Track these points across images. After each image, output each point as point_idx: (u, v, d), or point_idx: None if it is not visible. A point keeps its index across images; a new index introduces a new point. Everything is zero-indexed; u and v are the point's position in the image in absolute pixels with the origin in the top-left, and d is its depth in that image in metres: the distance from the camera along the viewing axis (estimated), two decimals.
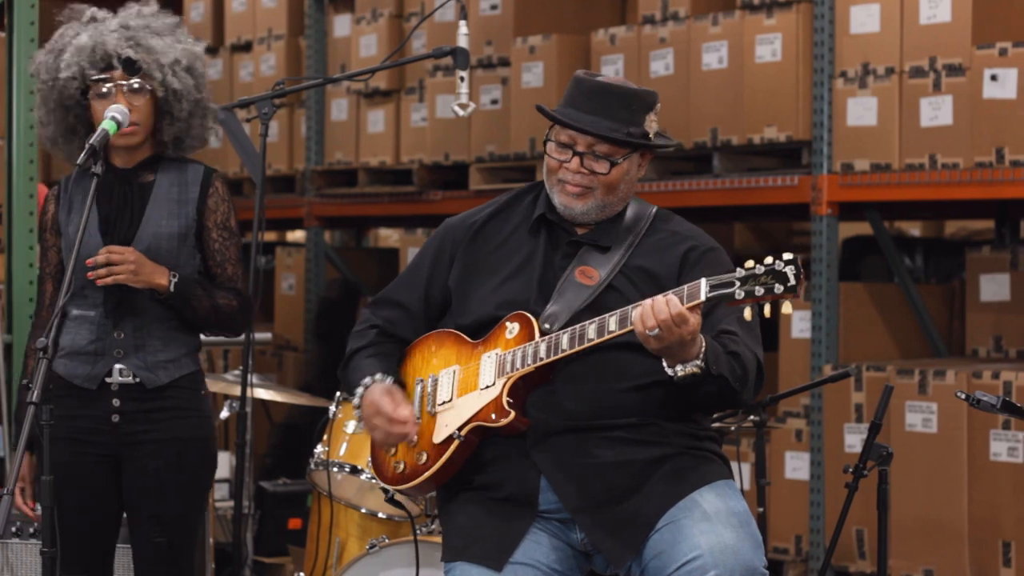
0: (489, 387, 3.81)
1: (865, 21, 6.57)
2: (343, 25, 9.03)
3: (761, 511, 5.12)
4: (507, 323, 3.85)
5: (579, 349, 3.72)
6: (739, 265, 3.61)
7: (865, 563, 6.53)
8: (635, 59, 7.24)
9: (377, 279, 9.32)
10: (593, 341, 3.71)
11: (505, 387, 3.78)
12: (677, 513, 3.72)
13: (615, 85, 3.89)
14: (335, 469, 5.15)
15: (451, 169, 8.22)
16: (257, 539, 7.04)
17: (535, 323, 3.81)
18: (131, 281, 4.28)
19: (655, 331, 3.56)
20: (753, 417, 5.01)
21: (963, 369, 6.34)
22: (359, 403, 3.91)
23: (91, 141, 4.11)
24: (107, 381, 4.36)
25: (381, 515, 5.16)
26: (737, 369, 3.71)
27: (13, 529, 4.85)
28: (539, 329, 3.80)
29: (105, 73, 4.34)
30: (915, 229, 10.30)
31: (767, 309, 3.54)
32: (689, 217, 4.08)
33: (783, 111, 6.76)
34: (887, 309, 7.04)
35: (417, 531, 4.75)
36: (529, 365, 3.77)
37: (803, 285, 3.53)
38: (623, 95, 3.87)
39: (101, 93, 4.34)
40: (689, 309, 3.56)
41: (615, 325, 3.68)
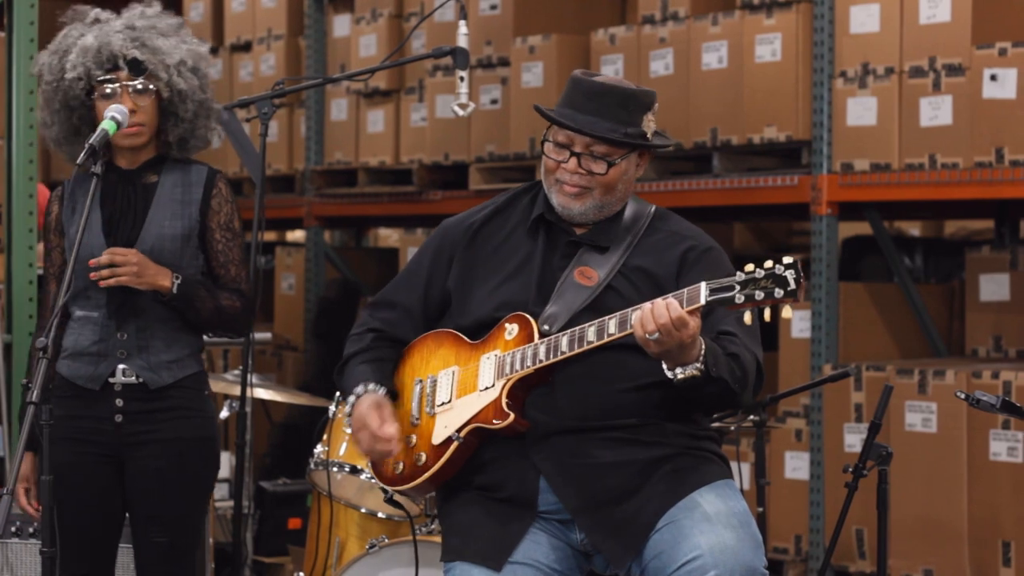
0: (488, 389, 3.80)
1: (865, 21, 6.57)
2: (343, 25, 9.02)
3: (761, 511, 5.11)
4: (506, 324, 3.84)
5: (578, 351, 3.72)
6: (739, 267, 3.60)
7: (865, 563, 6.53)
8: (635, 59, 7.24)
9: (377, 279, 9.31)
10: (592, 344, 3.70)
11: (504, 389, 3.78)
12: (677, 513, 3.71)
13: (612, 85, 3.87)
14: (335, 469, 5.15)
15: (451, 169, 8.22)
16: (257, 539, 7.04)
17: (534, 324, 3.80)
18: (134, 283, 4.28)
19: (655, 335, 3.55)
20: (753, 417, 5.01)
21: (963, 369, 6.34)
22: (350, 411, 3.92)
23: (91, 141, 4.10)
24: (110, 381, 4.36)
25: (381, 515, 5.16)
26: (737, 371, 3.71)
27: (13, 529, 4.85)
28: (538, 330, 3.79)
29: (111, 74, 4.34)
30: (915, 229, 10.29)
31: (767, 313, 3.54)
32: (689, 217, 4.07)
33: (783, 111, 6.76)
34: (887, 309, 7.04)
35: (417, 531, 4.75)
36: (528, 367, 3.76)
37: (803, 289, 3.52)
38: (621, 95, 3.85)
39: (106, 94, 4.34)
40: (689, 313, 3.55)
41: (615, 328, 3.67)
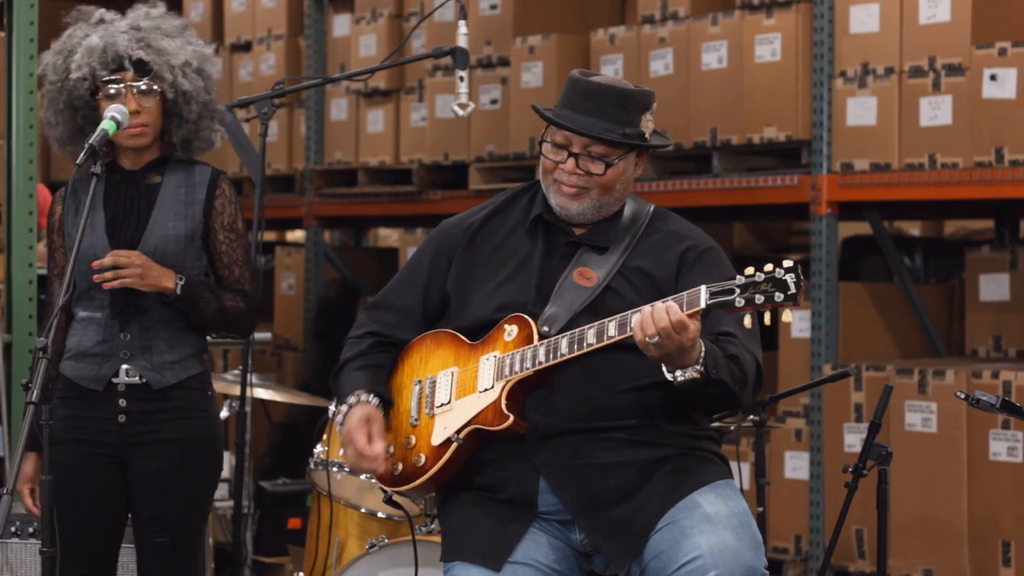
0: (487, 390, 3.80)
1: (865, 21, 6.57)
2: (343, 25, 9.02)
3: (761, 511, 5.11)
4: (505, 325, 3.83)
5: (578, 354, 3.71)
6: (739, 268, 3.60)
7: (865, 563, 6.53)
8: (634, 59, 7.24)
9: (376, 279, 9.31)
10: (592, 346, 3.70)
11: (504, 391, 3.77)
12: (677, 513, 3.71)
13: (610, 85, 3.85)
14: (334, 469, 5.14)
15: (451, 169, 8.21)
16: (257, 539, 7.04)
17: (534, 326, 3.79)
18: (138, 285, 4.28)
19: (655, 339, 3.55)
20: (753, 417, 5.00)
21: (963, 369, 6.34)
22: (342, 421, 3.91)
23: (90, 141, 4.09)
24: (114, 382, 4.35)
25: (381, 515, 5.16)
26: (737, 372, 3.70)
27: (13, 529, 4.85)
28: (538, 332, 3.78)
29: (115, 74, 4.34)
30: (915, 229, 10.29)
31: (767, 317, 3.54)
32: (689, 217, 4.06)
33: (783, 111, 6.76)
34: (887, 309, 7.04)
35: (417, 531, 4.75)
36: (528, 369, 3.76)
37: (803, 293, 3.52)
38: (618, 95, 3.84)
39: (111, 94, 4.33)
40: (688, 316, 3.55)
41: (614, 330, 3.67)
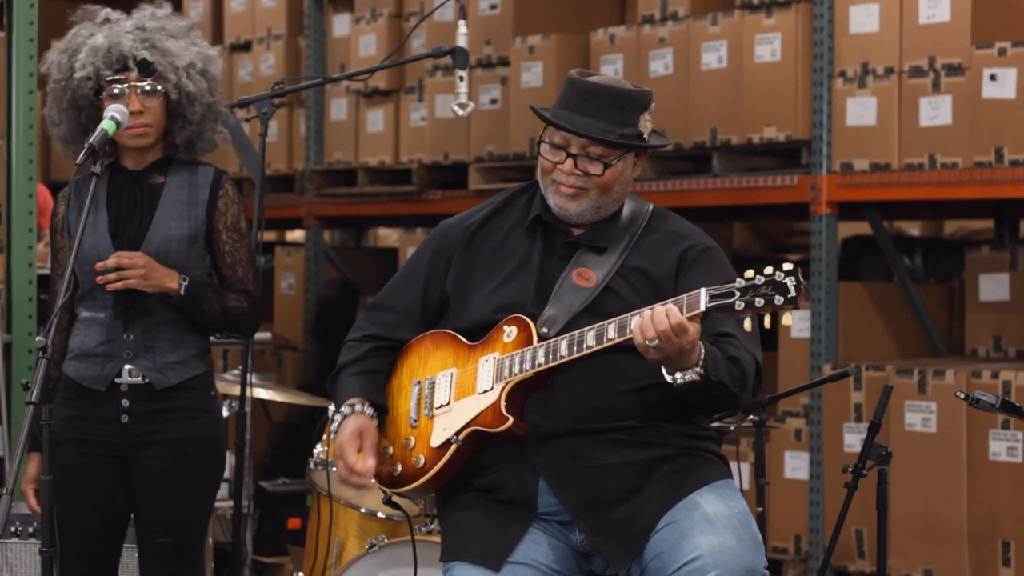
0: (487, 392, 3.79)
1: (864, 21, 6.57)
2: (342, 25, 9.02)
3: (760, 511, 5.11)
4: (505, 327, 3.83)
5: (577, 356, 3.71)
6: (739, 269, 3.59)
7: (864, 563, 6.53)
8: (634, 59, 7.24)
9: (376, 279, 9.31)
10: (592, 348, 3.69)
11: (503, 392, 3.77)
12: (677, 514, 3.71)
13: (608, 85, 3.84)
14: (334, 469, 5.14)
15: (450, 169, 8.21)
16: (256, 539, 7.04)
17: (533, 327, 3.79)
18: (141, 286, 4.28)
19: (655, 342, 3.55)
20: (752, 417, 5.01)
21: (962, 369, 6.34)
22: (335, 431, 3.91)
23: (90, 141, 4.10)
24: (116, 382, 4.35)
25: (380, 515, 5.15)
26: (736, 374, 3.70)
27: (13, 529, 4.85)
28: (537, 333, 3.78)
29: (120, 74, 4.34)
30: (914, 229, 10.29)
31: (767, 320, 3.54)
32: (688, 217, 4.06)
33: (782, 111, 6.76)
34: (886, 309, 7.04)
35: (417, 531, 4.75)
36: (527, 371, 3.75)
37: (803, 295, 3.52)
38: (617, 95, 3.82)
39: (114, 94, 4.33)
40: (688, 319, 3.54)
41: (614, 333, 3.66)
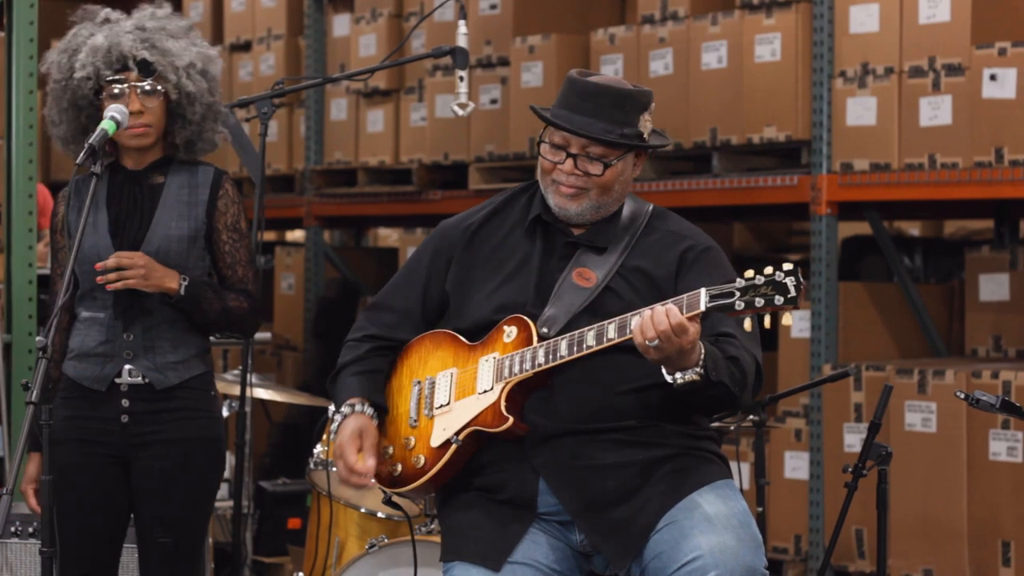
0: (487, 392, 3.79)
1: (864, 21, 6.57)
2: (342, 25, 9.02)
3: (760, 511, 5.11)
4: (505, 327, 3.83)
5: (577, 356, 3.71)
6: (739, 269, 3.59)
7: (864, 563, 6.53)
8: (634, 59, 7.24)
9: (376, 279, 9.31)
10: (592, 348, 3.69)
11: (503, 392, 3.77)
12: (677, 514, 3.71)
13: (608, 86, 3.83)
14: (334, 469, 5.14)
15: (450, 169, 8.21)
16: (256, 539, 7.04)
17: (533, 327, 3.79)
18: (141, 286, 4.28)
19: (655, 342, 3.55)
20: (752, 417, 5.01)
21: (962, 369, 6.34)
22: (335, 431, 3.91)
23: (90, 141, 4.10)
24: (116, 382, 4.35)
25: (380, 515, 5.15)
26: (736, 374, 3.70)
27: (13, 529, 4.85)
28: (537, 333, 3.78)
29: (120, 74, 4.34)
30: (914, 229, 10.29)
31: (767, 320, 3.54)
32: (688, 217, 4.06)
33: (782, 111, 6.76)
34: (886, 309, 7.04)
35: (417, 531, 4.75)
36: (527, 371, 3.75)
37: (803, 295, 3.52)
38: (616, 95, 3.82)
39: (114, 94, 4.33)
40: (688, 319, 3.54)
41: (614, 333, 3.66)
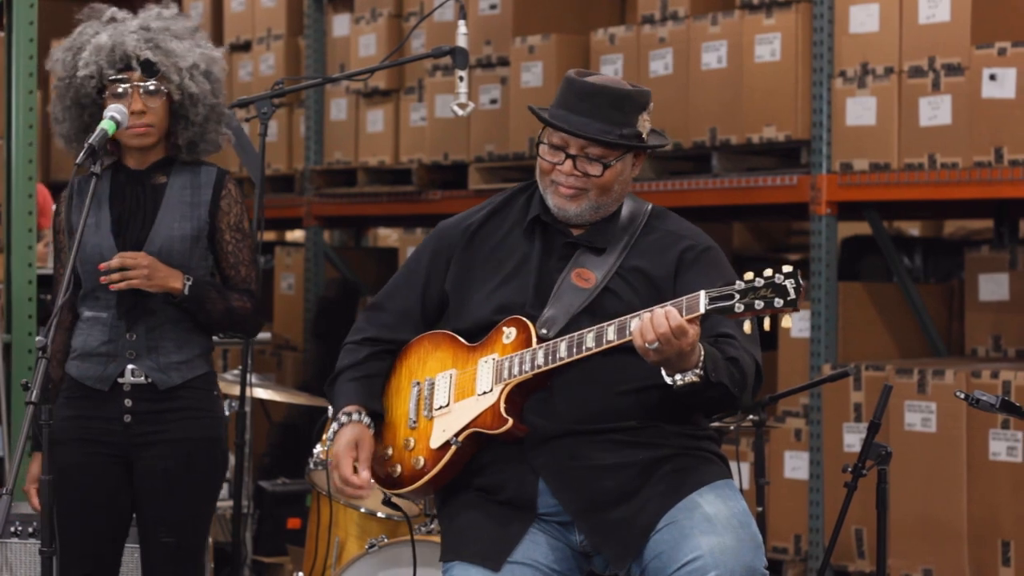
0: (486, 393, 3.79)
1: (864, 21, 6.57)
2: (342, 25, 9.02)
3: (760, 511, 5.11)
4: (504, 328, 3.83)
5: (577, 358, 3.71)
6: (738, 269, 3.60)
7: (864, 562, 6.53)
8: (634, 59, 7.24)
9: (376, 279, 9.31)
10: (591, 350, 3.69)
11: (502, 394, 3.76)
12: (677, 514, 3.71)
13: (606, 86, 3.83)
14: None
15: (450, 169, 8.21)
16: (256, 539, 7.04)
17: (532, 328, 3.78)
18: (145, 286, 4.28)
19: (654, 344, 3.55)
20: (752, 417, 5.01)
21: (962, 369, 6.34)
22: (332, 439, 3.91)
23: (90, 141, 4.10)
24: (119, 382, 4.36)
25: (380, 515, 5.15)
26: (736, 375, 3.70)
27: (13, 529, 4.85)
28: (536, 335, 3.78)
29: (123, 73, 4.34)
30: (914, 229, 10.29)
31: (767, 323, 3.53)
32: (688, 217, 4.05)
33: (782, 111, 6.76)
34: (886, 309, 7.04)
35: (417, 530, 4.75)
36: (527, 372, 3.75)
37: (802, 297, 3.51)
38: (615, 96, 3.81)
39: (117, 93, 4.33)
40: (688, 321, 3.54)
41: (613, 335, 3.66)
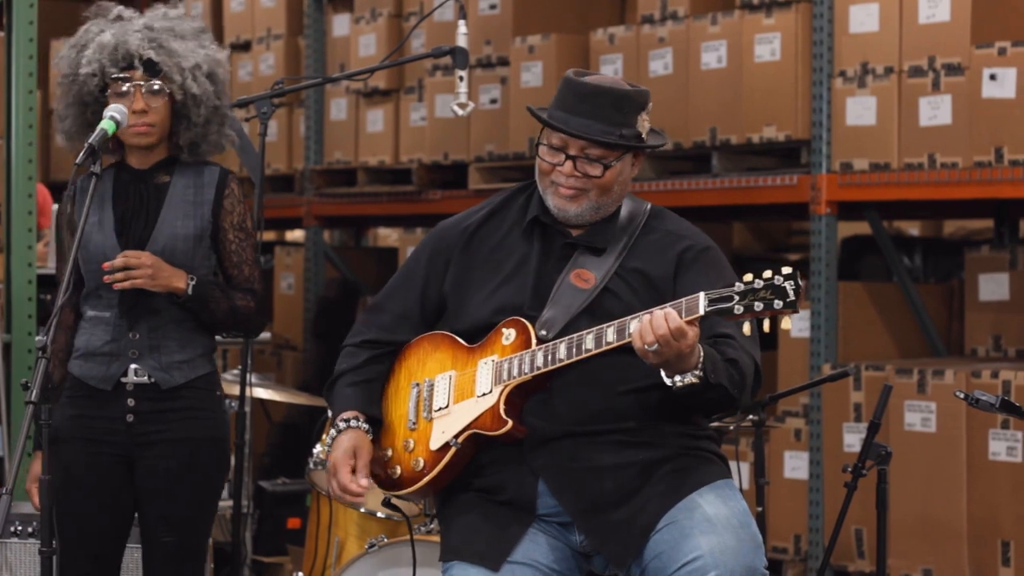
0: (486, 395, 3.79)
1: (864, 20, 6.57)
2: (342, 24, 9.02)
3: (760, 510, 5.11)
4: (503, 329, 3.83)
5: (576, 359, 3.71)
6: (738, 269, 3.60)
7: (864, 562, 6.53)
8: (634, 59, 7.24)
9: (376, 278, 9.31)
10: (591, 352, 3.69)
11: (502, 395, 3.77)
12: (677, 514, 3.71)
13: (606, 86, 3.82)
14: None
15: (450, 169, 8.21)
16: (256, 538, 7.04)
17: (531, 329, 3.78)
18: (149, 285, 4.28)
19: (654, 346, 3.55)
20: (752, 416, 5.00)
21: (962, 368, 6.34)
22: (330, 445, 3.90)
23: (89, 140, 4.10)
24: (122, 381, 4.35)
25: (380, 515, 5.15)
26: (735, 376, 3.70)
27: (13, 529, 4.85)
28: (535, 336, 3.78)
29: (125, 72, 4.34)
30: (914, 229, 10.29)
31: (766, 324, 3.53)
32: (688, 217, 4.05)
33: (782, 110, 6.76)
34: (886, 309, 7.04)
35: (417, 530, 4.75)
36: (526, 374, 3.75)
37: (802, 298, 3.51)
38: (614, 96, 3.81)
39: (120, 92, 4.33)
40: (687, 323, 3.54)
41: (613, 336, 3.66)
